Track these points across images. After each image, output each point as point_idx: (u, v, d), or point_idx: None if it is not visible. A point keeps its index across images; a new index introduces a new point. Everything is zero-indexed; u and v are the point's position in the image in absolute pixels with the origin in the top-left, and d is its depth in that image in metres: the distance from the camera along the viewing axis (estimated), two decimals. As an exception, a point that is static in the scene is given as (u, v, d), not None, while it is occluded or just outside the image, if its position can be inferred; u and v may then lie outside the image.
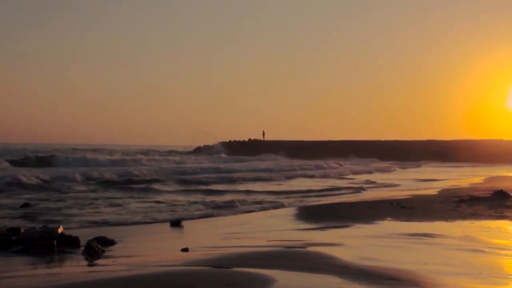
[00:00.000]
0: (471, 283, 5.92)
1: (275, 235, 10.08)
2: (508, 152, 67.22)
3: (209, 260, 7.26)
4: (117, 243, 9.11)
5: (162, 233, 11.36)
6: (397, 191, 21.84)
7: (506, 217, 12.24)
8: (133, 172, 31.40)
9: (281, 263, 6.89)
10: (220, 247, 8.65)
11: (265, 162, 56.88)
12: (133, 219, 13.64)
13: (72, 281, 6.07)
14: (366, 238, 9.44)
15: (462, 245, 8.57)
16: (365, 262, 6.95)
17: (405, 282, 5.89)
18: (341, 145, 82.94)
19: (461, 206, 14.48)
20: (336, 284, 5.85)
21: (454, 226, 11.04)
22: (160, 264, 7.07)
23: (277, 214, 14.64)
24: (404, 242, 8.93)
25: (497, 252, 7.98)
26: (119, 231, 11.26)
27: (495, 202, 14.83)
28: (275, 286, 5.65)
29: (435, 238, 9.32)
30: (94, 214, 14.43)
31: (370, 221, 11.97)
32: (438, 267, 6.80)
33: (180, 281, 5.84)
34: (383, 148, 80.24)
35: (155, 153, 74.52)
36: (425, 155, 71.69)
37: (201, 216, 14.60)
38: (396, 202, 15.78)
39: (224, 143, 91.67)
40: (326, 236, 9.95)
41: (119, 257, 7.88)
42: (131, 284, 5.71)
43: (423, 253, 7.97)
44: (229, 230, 11.50)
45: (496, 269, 6.82)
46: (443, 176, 36.86)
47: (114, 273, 6.50)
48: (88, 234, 9.67)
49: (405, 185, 27.29)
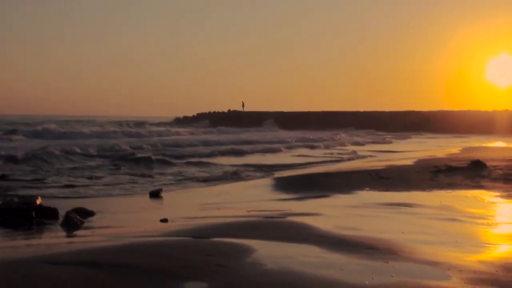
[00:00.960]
0: (448, 251, 6.01)
1: (254, 206, 10.12)
2: (486, 123, 67.81)
3: (188, 230, 7.28)
4: (96, 214, 9.08)
5: (141, 204, 11.35)
6: (375, 162, 21.98)
7: (482, 186, 12.39)
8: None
9: (261, 233, 6.93)
10: (199, 218, 8.67)
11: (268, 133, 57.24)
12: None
13: (51, 251, 6.05)
14: (345, 208, 9.52)
15: (439, 215, 8.67)
16: (343, 232, 7.02)
17: (382, 251, 5.96)
18: (322, 116, 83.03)
19: (438, 176, 14.62)
20: (315, 253, 5.91)
21: (431, 196, 11.16)
22: (140, 234, 7.08)
23: (257, 185, 14.69)
24: (382, 212, 9.02)
25: (473, 221, 8.10)
26: (98, 202, 11.22)
27: (472, 172, 14.99)
28: (254, 255, 5.69)
29: (413, 208, 9.43)
30: (73, 185, 14.33)
31: (349, 191, 12.05)
32: (415, 236, 6.89)
33: (160, 251, 5.85)
34: (361, 119, 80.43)
35: (141, 125, 73.46)
36: (405, 126, 72.04)
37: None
38: (375, 172, 15.88)
39: (204, 114, 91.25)
40: (305, 206, 10.01)
41: (98, 228, 7.87)
42: (110, 254, 5.71)
43: (401, 223, 8.06)
44: (208, 200, 11.52)
45: (472, 237, 6.92)
46: (423, 146, 37.18)
47: (92, 244, 6.49)
48: (67, 205, 9.61)
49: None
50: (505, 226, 8.05)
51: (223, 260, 5.46)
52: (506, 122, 64.24)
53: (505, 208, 9.76)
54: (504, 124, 63.32)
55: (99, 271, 5.06)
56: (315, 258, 5.69)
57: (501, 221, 8.47)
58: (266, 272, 5.10)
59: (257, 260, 5.51)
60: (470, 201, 10.26)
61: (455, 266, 5.30)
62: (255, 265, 5.33)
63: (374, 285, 4.71)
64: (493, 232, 7.43)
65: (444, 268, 5.24)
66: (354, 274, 5.05)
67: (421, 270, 5.23)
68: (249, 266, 5.29)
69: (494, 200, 10.49)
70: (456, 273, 5.08)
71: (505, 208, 9.79)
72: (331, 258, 5.68)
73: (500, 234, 7.36)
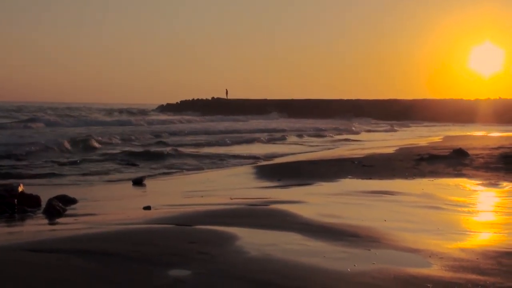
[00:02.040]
0: (429, 238, 6.06)
1: (238, 193, 10.13)
2: (468, 111, 68.28)
3: (171, 217, 7.27)
4: (79, 202, 9.04)
5: (124, 192, 11.32)
6: (359, 150, 22.07)
7: (464, 175, 12.50)
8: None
9: (244, 220, 6.95)
10: (183, 205, 8.66)
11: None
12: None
13: (33, 239, 6.02)
14: (328, 196, 9.56)
15: (421, 202, 8.74)
16: (326, 219, 7.05)
17: (364, 238, 6.00)
18: (306, 104, 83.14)
19: (421, 164, 14.72)
20: (298, 240, 5.94)
21: (413, 184, 11.24)
22: (122, 222, 7.06)
23: (240, 172, 14.69)
24: (365, 200, 9.07)
25: (454, 209, 8.17)
26: (81, 190, 11.18)
27: (454, 161, 15.11)
28: (238, 243, 5.70)
29: (395, 196, 9.49)
30: (56, 173, 14.25)
31: (332, 179, 12.10)
32: (397, 224, 6.94)
33: (142, 239, 5.84)
34: (346, 107, 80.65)
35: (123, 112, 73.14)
36: (388, 115, 72.29)
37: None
38: (358, 160, 15.96)
39: (188, 101, 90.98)
40: (288, 194, 10.04)
41: (81, 216, 7.84)
42: (92, 242, 5.70)
43: (383, 210, 8.11)
44: (192, 188, 11.51)
45: (453, 225, 6.99)
46: (403, 135, 37.42)
47: (75, 231, 6.47)
48: (50, 193, 9.55)
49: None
50: (486, 214, 8.13)
51: (206, 247, 5.47)
52: (488, 111, 64.72)
53: (486, 196, 9.85)
54: (486, 113, 63.80)
55: (81, 259, 5.04)
56: (298, 245, 5.72)
57: (482, 209, 8.55)
58: (249, 259, 5.11)
59: (240, 247, 5.53)
60: (452, 189, 10.35)
61: (436, 254, 5.35)
62: (238, 252, 5.34)
63: (356, 272, 4.75)
64: (474, 220, 7.50)
65: (425, 256, 5.29)
66: (336, 262, 5.08)
67: (402, 258, 5.27)
68: (232, 253, 5.30)
69: (476, 188, 10.58)
70: (437, 260, 5.13)
71: (486, 196, 9.88)
72: (314, 246, 5.71)
73: (481, 222, 7.44)
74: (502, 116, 61.45)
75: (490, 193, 10.10)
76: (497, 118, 60.46)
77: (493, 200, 9.41)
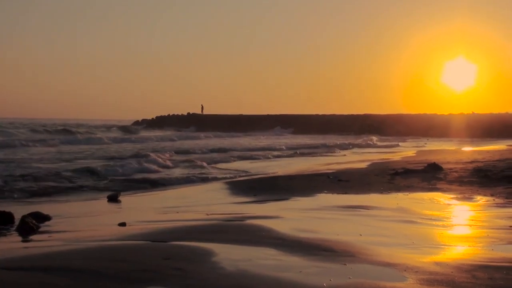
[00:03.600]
0: (404, 252, 6.09)
1: (214, 209, 10.10)
2: (441, 126, 68.91)
3: (146, 234, 7.22)
4: (53, 219, 8.93)
5: (99, 208, 11.21)
6: (335, 164, 22.16)
7: (438, 189, 12.61)
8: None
9: (220, 236, 6.92)
10: (158, 221, 8.61)
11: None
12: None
13: (4, 256, 5.92)
14: (303, 211, 9.57)
15: (396, 217, 8.79)
16: (302, 234, 7.05)
17: (340, 253, 6.01)
18: (281, 119, 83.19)
19: (396, 179, 14.83)
20: (274, 255, 5.93)
21: (389, 198, 11.31)
22: (97, 239, 6.99)
23: (216, 188, 14.65)
24: (340, 214, 9.09)
25: (429, 222, 8.23)
26: (55, 206, 11.05)
27: (428, 175, 15.25)
28: (213, 259, 5.67)
29: (370, 210, 9.53)
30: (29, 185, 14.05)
31: (308, 194, 12.12)
32: (372, 238, 6.96)
33: (117, 255, 5.79)
34: (320, 122, 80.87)
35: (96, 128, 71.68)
36: (361, 129, 72.60)
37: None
38: (333, 175, 16.02)
39: (164, 117, 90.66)
40: (264, 209, 10.04)
41: (55, 233, 7.74)
42: (65, 259, 5.62)
43: (358, 225, 8.13)
44: (167, 204, 11.45)
45: (428, 239, 7.02)
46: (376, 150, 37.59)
47: (47, 249, 6.38)
48: (23, 209, 9.44)
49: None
50: (461, 228, 8.20)
51: (181, 263, 5.43)
52: (461, 126, 65.42)
53: (461, 210, 9.94)
54: (460, 128, 64.48)
55: (54, 276, 4.97)
56: (273, 260, 5.71)
57: (456, 222, 8.62)
58: (225, 275, 5.09)
59: (215, 263, 5.50)
60: (427, 203, 10.42)
61: (411, 267, 5.38)
62: (214, 268, 5.31)
63: (332, 287, 4.75)
64: (449, 233, 7.55)
65: (400, 270, 5.31)
66: (312, 276, 5.08)
67: (378, 272, 5.28)
68: (208, 269, 5.27)
69: (450, 202, 10.67)
70: (412, 274, 5.15)
71: (460, 210, 9.97)
72: (290, 261, 5.70)
73: (456, 235, 7.49)
74: (475, 130, 62.16)
75: (465, 207, 10.19)
76: (470, 133, 61.13)
77: (468, 214, 9.49)
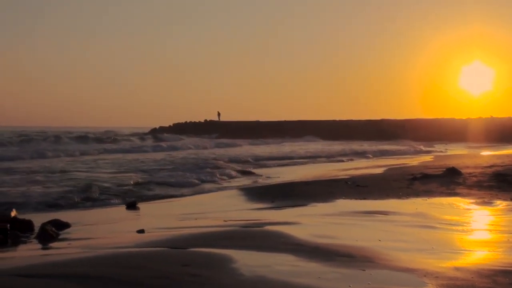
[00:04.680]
0: (424, 258, 6.05)
1: (232, 215, 10.10)
2: (460, 130, 68.44)
3: (165, 240, 7.23)
4: (72, 226, 8.98)
5: (118, 215, 11.27)
6: (352, 170, 22.09)
7: (458, 194, 12.51)
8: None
9: (237, 242, 6.91)
10: (176, 228, 8.62)
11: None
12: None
13: (25, 264, 5.97)
14: (322, 217, 9.54)
15: (415, 222, 8.73)
16: (320, 240, 7.03)
17: (359, 259, 5.98)
18: (299, 125, 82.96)
19: (414, 184, 14.74)
20: (292, 262, 5.91)
21: (407, 204, 11.24)
22: (116, 245, 7.01)
23: (234, 194, 14.65)
24: (359, 220, 9.05)
25: (448, 227, 8.16)
26: (74, 214, 11.13)
27: (447, 179, 15.13)
28: (231, 265, 5.66)
29: (389, 216, 9.48)
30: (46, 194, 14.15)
31: (326, 199, 12.08)
32: (391, 244, 6.92)
33: (136, 262, 5.80)
34: (339, 127, 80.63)
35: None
36: (376, 135, 72.13)
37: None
38: (352, 180, 15.96)
39: (181, 124, 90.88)
40: (282, 215, 10.01)
41: (74, 240, 7.78)
42: (85, 266, 5.65)
43: (377, 230, 8.09)
44: (185, 211, 11.47)
45: (448, 244, 6.97)
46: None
47: (67, 256, 6.41)
48: (43, 217, 9.51)
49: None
50: (480, 233, 8.12)
51: (199, 270, 5.43)
52: (479, 130, 64.92)
53: (480, 215, 9.85)
54: (478, 132, 63.98)
55: (74, 283, 4.99)
56: (292, 266, 5.69)
57: (476, 227, 8.55)
58: (243, 281, 5.08)
59: (233, 269, 5.49)
60: (446, 208, 10.35)
61: (431, 273, 5.33)
62: (232, 274, 5.31)
63: (351, 293, 4.72)
64: (469, 238, 7.49)
65: (420, 275, 5.27)
66: (331, 282, 5.06)
67: (397, 277, 5.25)
68: (226, 275, 5.26)
69: (469, 207, 10.58)
70: (432, 279, 5.11)
71: (480, 214, 9.88)
72: (308, 267, 5.68)
73: (475, 240, 7.42)
74: (494, 134, 61.64)
75: (484, 212, 10.11)
76: (489, 137, 60.63)
77: (487, 219, 9.41)
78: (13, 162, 26.30)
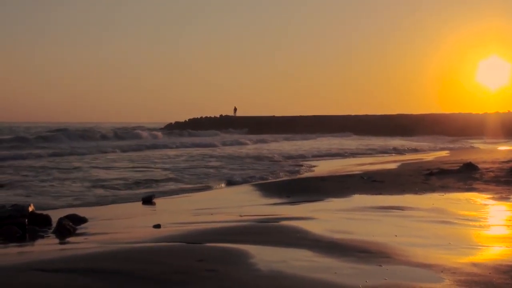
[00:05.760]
0: (441, 253, 6.02)
1: (247, 210, 10.11)
2: (476, 125, 67.96)
3: (181, 235, 7.26)
4: (89, 221, 9.04)
5: (134, 210, 11.31)
6: (368, 165, 22.02)
7: (475, 189, 12.43)
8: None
9: (253, 237, 6.93)
10: (192, 223, 8.65)
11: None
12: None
13: (43, 258, 6.02)
14: (338, 212, 9.52)
15: (431, 217, 8.69)
16: (336, 235, 7.02)
17: (375, 254, 5.96)
18: (314, 121, 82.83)
19: (430, 179, 14.67)
20: (309, 257, 5.91)
21: (424, 199, 11.19)
22: (132, 240, 7.05)
23: (249, 190, 14.66)
24: (375, 215, 9.02)
25: (465, 223, 8.12)
26: (91, 209, 11.17)
27: (464, 175, 15.04)
28: (247, 260, 5.68)
29: (405, 211, 9.44)
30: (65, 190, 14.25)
31: (342, 195, 12.06)
32: (407, 239, 6.89)
33: (152, 257, 5.83)
34: (354, 123, 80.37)
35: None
36: (395, 130, 71.88)
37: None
38: (367, 175, 15.91)
39: (196, 119, 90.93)
40: (298, 210, 10.01)
41: (91, 235, 7.83)
42: (102, 261, 5.69)
43: (394, 226, 8.06)
44: (201, 206, 11.48)
45: (465, 239, 6.93)
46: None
47: (85, 251, 6.46)
48: (60, 212, 9.58)
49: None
50: (498, 228, 8.07)
51: (215, 265, 5.45)
52: (497, 125, 64.40)
53: (498, 210, 9.78)
54: (495, 127, 63.48)
55: (91, 278, 5.03)
56: (308, 262, 5.69)
57: (493, 223, 8.49)
58: (259, 276, 5.09)
59: (249, 264, 5.51)
60: (463, 204, 10.29)
61: (448, 268, 5.31)
62: (248, 269, 5.32)
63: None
64: (486, 234, 7.44)
65: (437, 271, 5.25)
66: (347, 278, 5.05)
67: (414, 273, 5.23)
68: (241, 270, 5.27)
69: (486, 202, 10.52)
70: (449, 275, 5.09)
71: (497, 210, 9.81)
72: (325, 262, 5.68)
73: (493, 236, 7.37)
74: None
75: (501, 207, 10.04)
76: (506, 132, 60.15)
77: (505, 214, 9.34)
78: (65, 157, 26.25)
